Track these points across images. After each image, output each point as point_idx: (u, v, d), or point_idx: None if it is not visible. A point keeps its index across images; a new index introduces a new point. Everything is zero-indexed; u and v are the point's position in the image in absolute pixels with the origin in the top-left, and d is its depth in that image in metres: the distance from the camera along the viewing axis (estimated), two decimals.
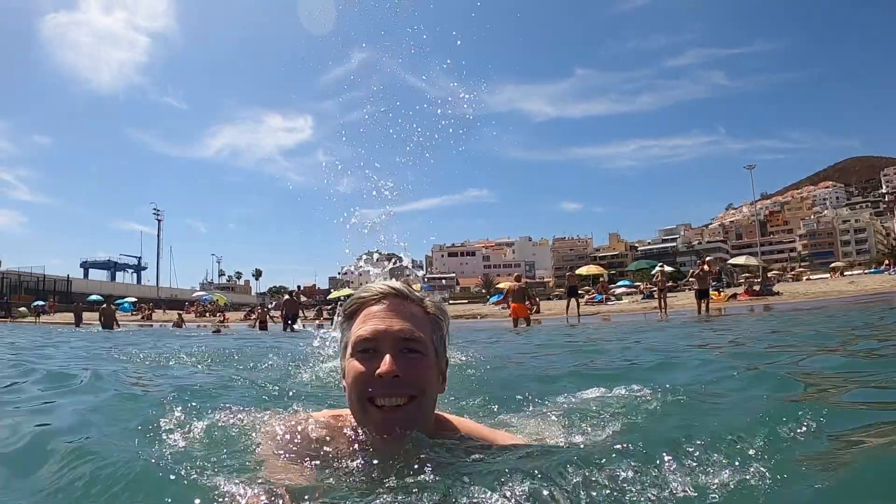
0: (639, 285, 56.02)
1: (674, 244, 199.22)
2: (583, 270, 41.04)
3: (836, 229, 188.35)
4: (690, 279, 27.30)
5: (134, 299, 73.74)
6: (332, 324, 31.10)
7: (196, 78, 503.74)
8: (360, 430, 2.22)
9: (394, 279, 2.43)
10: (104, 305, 36.41)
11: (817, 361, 6.11)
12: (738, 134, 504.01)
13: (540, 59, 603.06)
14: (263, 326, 33.30)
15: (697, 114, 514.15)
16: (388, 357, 2.06)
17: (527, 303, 24.17)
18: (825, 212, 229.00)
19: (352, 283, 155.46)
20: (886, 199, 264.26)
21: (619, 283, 79.67)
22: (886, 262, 78.64)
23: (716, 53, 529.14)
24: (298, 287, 46.51)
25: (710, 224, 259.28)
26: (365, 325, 2.16)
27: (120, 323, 34.59)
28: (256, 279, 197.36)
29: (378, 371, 2.05)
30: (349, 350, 2.21)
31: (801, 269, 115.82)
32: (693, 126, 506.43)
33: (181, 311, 48.13)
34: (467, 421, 2.52)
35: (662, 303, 29.08)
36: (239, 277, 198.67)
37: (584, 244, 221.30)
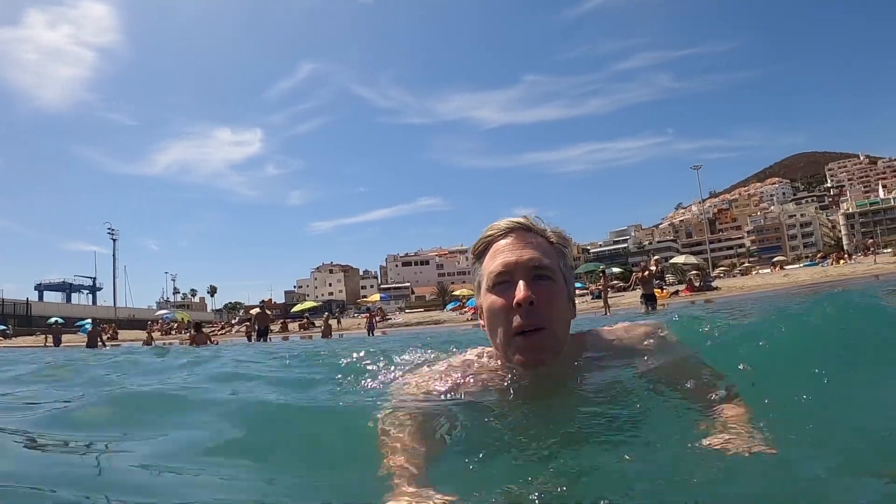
0: (590, 286, 58.13)
1: (625, 245, 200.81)
2: None
3: (783, 224, 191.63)
4: (636, 283, 27.09)
5: (89, 320, 73.17)
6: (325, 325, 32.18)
7: (143, 93, 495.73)
8: (500, 362, 2.36)
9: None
10: (55, 326, 37.49)
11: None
12: (686, 134, 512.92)
13: (489, 66, 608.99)
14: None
15: (646, 116, 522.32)
16: (521, 283, 2.14)
17: None
18: (772, 207, 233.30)
19: (308, 296, 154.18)
20: (831, 193, 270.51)
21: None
22: (821, 255, 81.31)
23: (663, 56, 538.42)
24: (262, 301, 47.13)
25: (661, 224, 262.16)
26: (496, 260, 2.25)
27: (106, 343, 34.56)
28: (212, 296, 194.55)
29: (515, 299, 2.12)
30: (483, 286, 2.30)
31: (749, 264, 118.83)
32: (642, 128, 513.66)
33: (150, 330, 48.81)
34: (598, 330, 2.57)
35: (606, 301, 31.21)
36: (194, 295, 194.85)
37: None
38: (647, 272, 24.30)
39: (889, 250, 54.66)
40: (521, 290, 2.14)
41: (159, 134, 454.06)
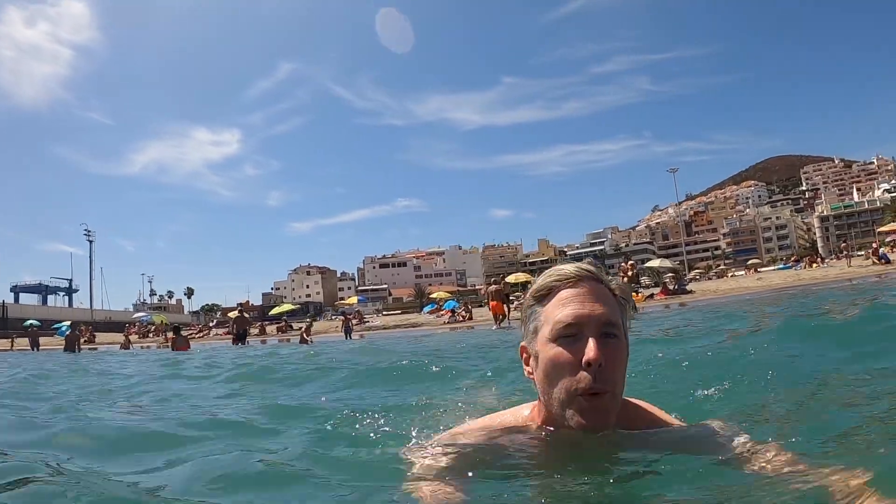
0: None
1: (601, 247, 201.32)
2: (511, 278, 42.86)
3: (758, 227, 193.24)
4: None
5: (67, 322, 72.36)
6: (304, 332, 31.96)
7: (121, 92, 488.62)
8: (545, 428, 2.23)
9: (583, 261, 2.30)
10: (31, 329, 37.28)
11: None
12: (663, 137, 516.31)
13: (467, 68, 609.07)
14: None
15: (624, 119, 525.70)
16: (592, 342, 2.02)
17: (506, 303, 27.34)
18: (747, 210, 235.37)
19: (286, 297, 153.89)
20: (806, 196, 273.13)
21: None
22: (794, 258, 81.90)
23: (642, 59, 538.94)
24: (240, 304, 47.00)
25: (637, 226, 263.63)
26: (564, 310, 2.10)
27: (81, 347, 33.80)
28: (189, 298, 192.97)
29: (585, 358, 2.00)
30: (544, 335, 2.14)
31: (724, 267, 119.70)
32: (620, 131, 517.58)
33: (128, 333, 48.46)
34: (650, 405, 2.42)
35: None
36: (171, 297, 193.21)
37: (513, 251, 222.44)
38: (624, 277, 23.44)
39: (862, 253, 55.08)
40: (592, 349, 2.01)
41: (137, 133, 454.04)
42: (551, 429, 2.20)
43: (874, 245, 47.28)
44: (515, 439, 2.26)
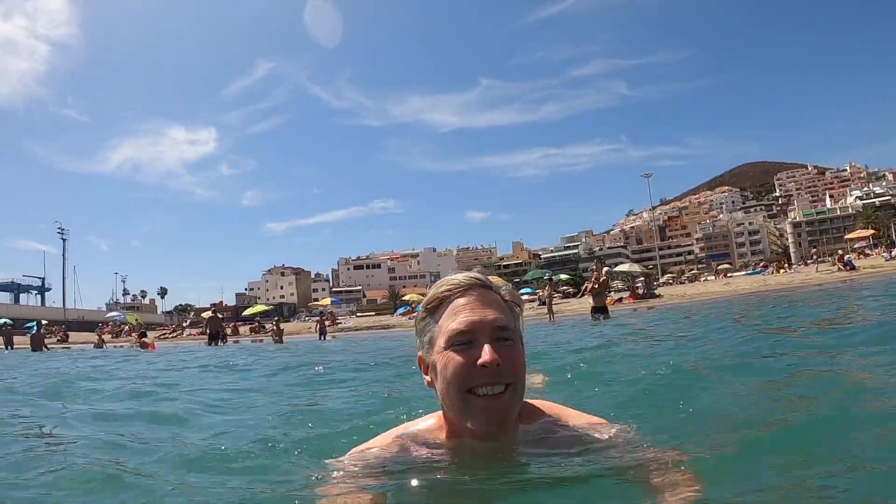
0: (539, 292, 59.00)
1: (576, 251, 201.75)
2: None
3: (731, 232, 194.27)
4: (587, 294, 23.59)
5: (45, 322, 71.64)
6: (274, 335, 31.92)
7: (97, 89, 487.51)
8: (444, 439, 2.28)
9: (471, 269, 2.33)
10: (5, 328, 37.14)
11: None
12: (639, 141, 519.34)
13: (445, 69, 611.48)
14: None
15: (600, 122, 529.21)
16: (487, 346, 2.04)
17: None
18: (721, 216, 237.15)
19: (259, 298, 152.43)
20: (780, 202, 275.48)
21: (522, 291, 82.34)
22: (763, 264, 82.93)
23: (619, 64, 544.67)
24: (213, 305, 47.00)
25: (612, 230, 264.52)
26: (457, 318, 2.12)
27: (48, 346, 33.92)
28: (162, 297, 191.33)
29: (480, 361, 2.03)
30: (439, 344, 2.16)
31: (697, 271, 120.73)
32: (596, 134, 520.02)
33: (101, 332, 48.28)
34: (552, 404, 2.47)
35: (550, 308, 32.04)
36: (144, 296, 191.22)
37: (488, 254, 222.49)
38: (598, 282, 22.13)
39: (829, 259, 56.07)
40: (487, 352, 2.04)
41: (112, 131, 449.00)
42: (455, 440, 2.24)
43: (839, 252, 48.16)
44: (422, 451, 2.30)
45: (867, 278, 30.39)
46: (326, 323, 41.48)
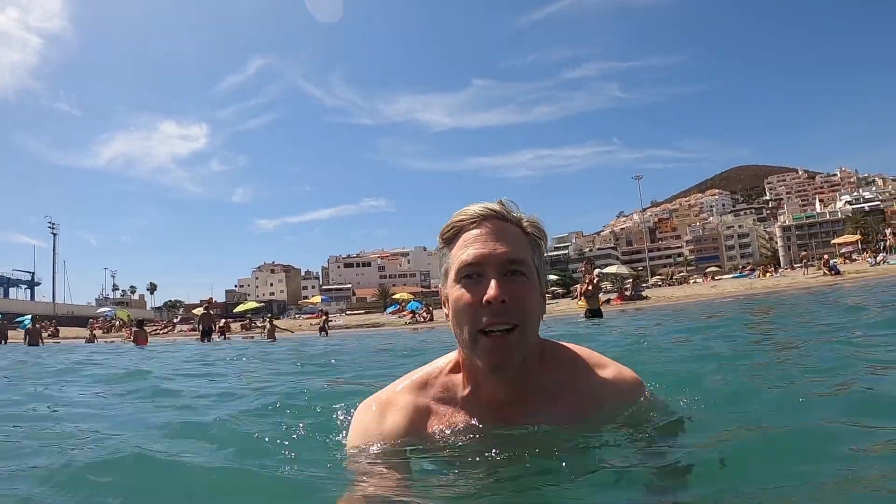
0: None
1: (566, 252, 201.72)
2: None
3: (721, 235, 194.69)
4: (580, 297, 22.70)
5: (29, 316, 70.64)
6: (264, 333, 31.82)
7: (89, 82, 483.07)
8: (462, 372, 2.23)
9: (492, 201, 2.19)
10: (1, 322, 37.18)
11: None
12: (631, 144, 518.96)
13: (439, 69, 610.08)
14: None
15: (593, 124, 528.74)
16: (493, 282, 1.98)
17: None
18: (711, 218, 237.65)
19: (249, 295, 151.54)
20: (770, 205, 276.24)
21: None
22: (750, 267, 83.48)
23: (613, 66, 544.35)
24: (203, 301, 47.11)
25: (602, 231, 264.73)
26: (467, 250, 2.06)
27: (44, 340, 33.99)
28: (151, 293, 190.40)
29: (486, 297, 1.96)
30: (451, 277, 2.11)
31: (686, 273, 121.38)
32: (589, 136, 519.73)
33: (92, 328, 48.43)
34: (586, 350, 2.37)
35: None
36: (133, 292, 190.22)
37: None
38: (591, 284, 21.55)
39: (814, 264, 56.59)
40: (493, 287, 1.97)
41: (103, 125, 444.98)
42: (471, 381, 2.20)
43: (825, 256, 48.66)
44: (439, 408, 2.25)
45: (850, 283, 30.79)
46: (329, 321, 41.87)
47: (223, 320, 51.59)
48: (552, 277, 78.57)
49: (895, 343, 5.25)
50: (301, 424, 3.05)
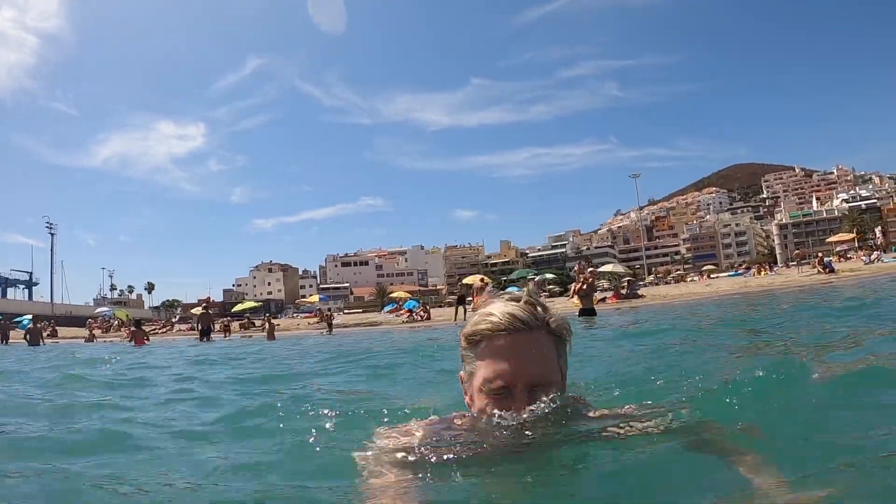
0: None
1: (563, 250, 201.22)
2: (469, 280, 43.61)
3: (718, 233, 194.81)
4: (575, 296, 21.69)
5: (28, 316, 70.67)
6: (263, 332, 31.61)
7: (86, 82, 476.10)
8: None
9: (516, 301, 2.19)
10: (2, 322, 37.31)
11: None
12: (629, 142, 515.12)
13: (436, 68, 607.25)
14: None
15: (590, 123, 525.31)
16: (523, 397, 2.05)
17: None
18: (708, 216, 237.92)
19: (247, 294, 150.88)
20: (767, 203, 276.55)
21: (508, 290, 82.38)
22: (745, 265, 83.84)
23: (610, 65, 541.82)
24: (201, 300, 47.25)
25: (599, 230, 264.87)
26: (494, 366, 2.10)
27: (44, 340, 33.96)
28: (149, 293, 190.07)
29: (513, 412, 2.03)
30: (478, 384, 2.14)
31: (683, 272, 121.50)
32: (585, 135, 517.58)
33: (91, 327, 48.56)
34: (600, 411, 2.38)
35: None
36: (131, 291, 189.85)
37: (475, 252, 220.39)
38: (586, 283, 20.84)
39: (809, 262, 56.95)
40: (522, 404, 2.05)
41: (101, 125, 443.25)
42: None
43: (819, 254, 48.96)
44: (464, 430, 2.22)
45: (844, 281, 31.05)
46: (330, 317, 42.17)
47: (225, 320, 51.88)
48: (549, 276, 78.92)
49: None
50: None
